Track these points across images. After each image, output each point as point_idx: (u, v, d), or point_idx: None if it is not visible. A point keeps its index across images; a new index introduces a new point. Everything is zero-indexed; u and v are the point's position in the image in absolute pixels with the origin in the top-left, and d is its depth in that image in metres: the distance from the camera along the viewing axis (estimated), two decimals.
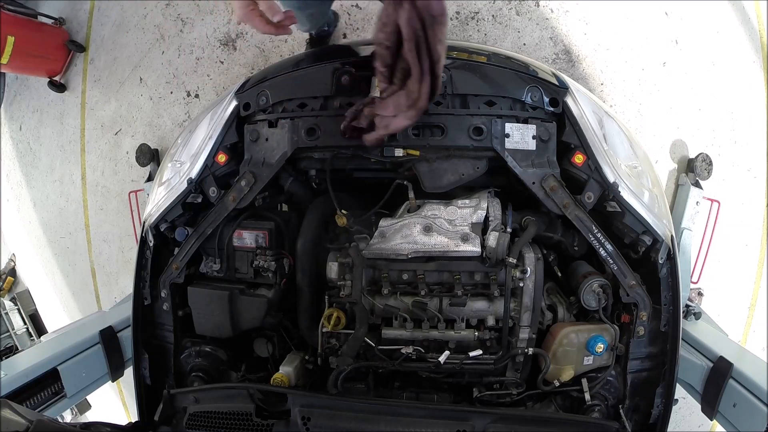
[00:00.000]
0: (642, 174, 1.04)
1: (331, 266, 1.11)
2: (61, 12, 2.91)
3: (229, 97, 1.13)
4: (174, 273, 1.15)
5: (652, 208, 1.00)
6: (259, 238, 1.12)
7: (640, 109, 2.12)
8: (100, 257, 3.03)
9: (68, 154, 3.03)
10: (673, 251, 1.02)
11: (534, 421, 0.96)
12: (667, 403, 1.03)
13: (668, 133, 2.16)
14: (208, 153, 1.11)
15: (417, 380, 1.13)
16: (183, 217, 1.18)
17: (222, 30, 2.46)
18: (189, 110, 2.60)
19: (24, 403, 1.21)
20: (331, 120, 1.02)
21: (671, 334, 1.02)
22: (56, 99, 3.02)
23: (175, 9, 2.57)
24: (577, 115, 0.99)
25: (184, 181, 1.13)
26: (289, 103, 1.05)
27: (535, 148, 0.99)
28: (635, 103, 2.12)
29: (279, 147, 1.06)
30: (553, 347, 1.02)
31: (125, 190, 2.69)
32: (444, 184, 1.05)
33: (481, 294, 1.04)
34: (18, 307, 3.36)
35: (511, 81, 1.01)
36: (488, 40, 2.15)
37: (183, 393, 1.09)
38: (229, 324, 1.11)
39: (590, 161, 0.99)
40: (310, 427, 0.95)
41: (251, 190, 1.09)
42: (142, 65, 2.69)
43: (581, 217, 0.99)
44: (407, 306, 1.04)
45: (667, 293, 1.02)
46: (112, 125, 2.85)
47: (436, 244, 1.03)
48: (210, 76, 2.53)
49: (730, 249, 2.18)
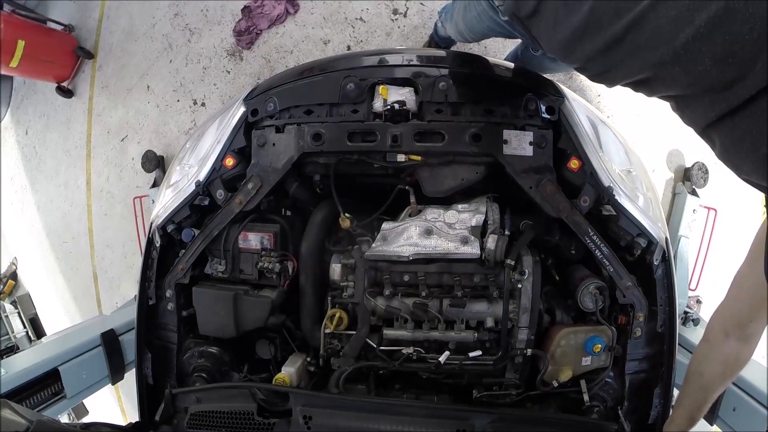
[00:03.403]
0: (636, 179, 1.07)
1: (334, 268, 1.13)
2: (71, 19, 2.99)
3: (238, 104, 1.17)
4: (180, 273, 1.18)
5: (646, 212, 1.03)
6: (265, 240, 1.15)
7: (636, 120, 2.17)
8: (102, 262, 3.05)
9: (74, 159, 3.08)
10: (667, 253, 1.04)
11: (534, 422, 0.97)
12: (666, 404, 1.04)
13: (665, 142, 2.21)
14: (217, 156, 1.15)
15: (417, 382, 1.14)
16: (190, 218, 1.20)
17: (229, 40, 2.53)
18: (195, 118, 2.66)
19: (23, 403, 1.21)
20: (336, 126, 1.06)
21: (668, 335, 1.04)
22: (63, 104, 3.07)
23: (183, 19, 2.64)
24: (572, 123, 1.03)
25: (192, 184, 1.16)
26: (296, 109, 1.09)
27: (533, 154, 1.02)
28: (632, 113, 2.17)
29: (285, 152, 1.10)
30: (551, 348, 1.04)
31: (130, 196, 2.72)
32: (444, 188, 1.09)
33: (481, 296, 1.06)
34: (18, 310, 3.37)
35: (509, 90, 1.05)
36: (488, 53, 2.21)
37: (185, 393, 1.10)
38: (233, 324, 1.13)
39: (586, 166, 1.02)
40: (311, 426, 0.96)
41: (258, 193, 1.12)
42: (150, 73, 2.75)
43: (578, 221, 1.02)
44: (408, 307, 1.06)
45: (662, 294, 1.04)
46: (118, 131, 2.90)
47: (436, 247, 1.06)
48: (216, 85, 2.59)
49: (727, 256, 2.20)
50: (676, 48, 0.54)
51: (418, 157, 1.04)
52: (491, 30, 1.12)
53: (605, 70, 0.68)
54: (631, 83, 0.67)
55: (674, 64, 0.56)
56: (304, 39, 2.40)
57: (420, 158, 1.04)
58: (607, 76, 0.69)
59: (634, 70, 0.62)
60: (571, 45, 0.69)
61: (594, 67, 0.70)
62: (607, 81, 0.71)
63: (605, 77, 0.71)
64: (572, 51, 0.70)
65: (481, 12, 1.07)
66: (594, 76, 0.73)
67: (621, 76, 0.67)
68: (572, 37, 0.67)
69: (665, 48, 0.56)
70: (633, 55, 0.60)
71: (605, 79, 0.71)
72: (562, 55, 0.75)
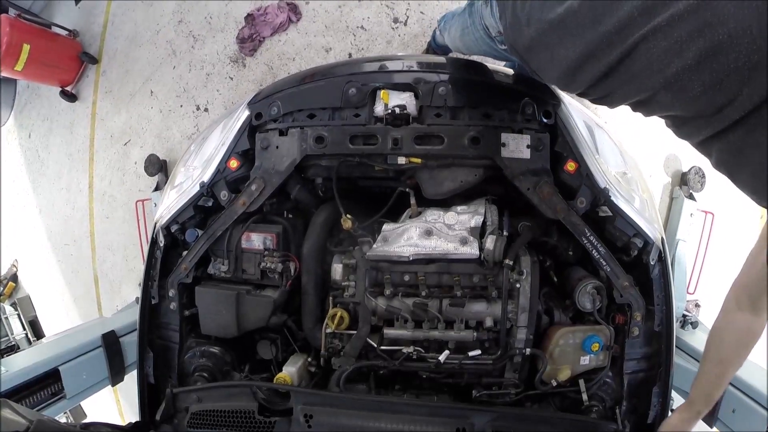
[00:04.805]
0: (632, 180, 1.10)
1: (335, 268, 1.15)
2: (76, 24, 3.03)
3: (242, 107, 1.19)
4: (183, 273, 1.19)
5: (642, 212, 1.05)
6: (267, 241, 1.17)
7: (634, 124, 2.20)
8: (103, 265, 3.05)
9: (76, 162, 3.10)
10: (663, 253, 1.06)
11: (533, 421, 0.98)
12: (664, 403, 1.05)
13: (662, 147, 2.24)
14: (221, 158, 1.17)
15: (417, 381, 1.15)
16: (194, 219, 1.22)
17: (232, 47, 2.57)
18: (198, 123, 2.68)
19: (23, 402, 1.22)
20: (339, 129, 1.08)
21: (665, 334, 1.05)
22: (67, 108, 3.10)
23: (187, 26, 2.68)
24: (569, 126, 1.05)
25: (196, 185, 1.18)
26: (299, 113, 1.12)
27: (530, 157, 1.04)
28: (629, 118, 2.19)
29: (288, 154, 1.12)
30: (549, 348, 1.05)
31: (132, 200, 2.73)
32: (444, 190, 1.11)
33: (480, 296, 1.08)
34: (18, 312, 3.36)
35: (507, 95, 1.08)
36: (486, 59, 2.25)
37: (186, 392, 1.10)
38: (235, 324, 1.14)
39: (582, 169, 1.04)
40: (312, 425, 0.96)
41: (261, 194, 1.14)
42: (154, 79, 2.79)
43: (575, 221, 1.04)
44: (408, 307, 1.07)
45: (659, 293, 1.05)
46: (121, 136, 2.92)
47: (436, 247, 1.07)
48: (219, 91, 2.62)
49: (725, 260, 2.22)
50: (667, 77, 0.59)
51: (418, 159, 1.07)
52: (488, 53, 1.17)
53: (604, 95, 0.73)
54: (630, 104, 0.72)
55: (666, 92, 0.61)
56: (306, 47, 2.44)
57: (420, 161, 1.07)
58: (607, 100, 0.74)
59: (631, 94, 0.67)
60: (570, 76, 0.73)
61: (594, 92, 0.74)
62: (608, 104, 0.76)
63: (605, 101, 0.75)
64: (572, 81, 0.74)
65: (479, 38, 1.11)
66: (595, 99, 0.78)
67: (619, 99, 0.71)
68: (569, 69, 0.71)
69: (657, 77, 0.60)
70: (628, 82, 0.65)
71: (605, 102, 0.76)
72: (562, 85, 0.79)
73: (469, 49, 1.26)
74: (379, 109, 1.08)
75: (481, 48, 1.15)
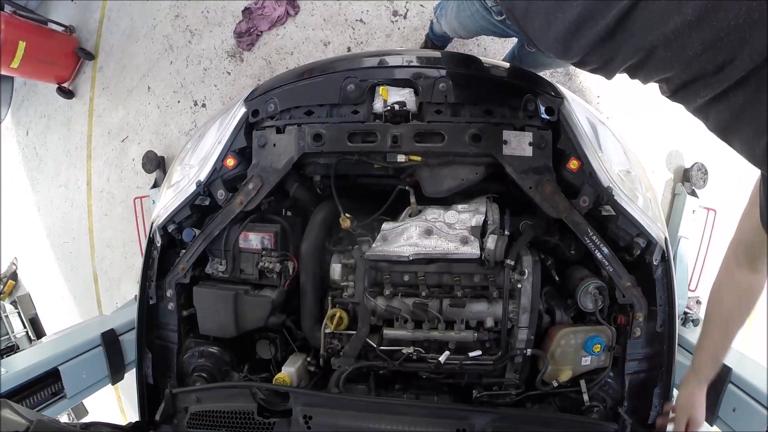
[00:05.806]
0: (635, 179, 1.08)
1: (334, 268, 1.14)
2: (72, 20, 2.99)
3: (239, 104, 1.17)
4: (180, 273, 1.18)
5: (645, 212, 1.04)
6: (265, 240, 1.15)
7: (636, 121, 2.18)
8: (102, 262, 3.05)
9: (74, 159, 3.08)
10: (667, 253, 1.05)
11: (534, 421, 0.97)
12: (665, 403, 1.04)
13: (664, 143, 2.21)
14: (217, 157, 1.15)
15: (417, 382, 1.15)
16: (191, 218, 1.21)
17: (230, 42, 2.53)
18: (196, 119, 2.66)
19: (23, 402, 1.22)
20: (337, 127, 1.06)
21: (667, 335, 1.04)
22: (64, 105, 3.08)
23: (184, 20, 2.65)
24: (572, 123, 1.03)
25: (192, 184, 1.17)
26: (296, 110, 1.10)
27: (532, 155, 1.03)
28: (631, 114, 2.17)
29: (286, 152, 1.10)
30: (551, 348, 1.04)
31: (130, 197, 2.73)
32: (444, 188, 1.09)
33: (481, 296, 1.07)
34: (18, 310, 3.37)
35: (508, 91, 1.06)
36: (488, 54, 2.22)
37: (185, 392, 1.10)
38: (233, 324, 1.13)
39: (585, 167, 1.02)
40: (311, 426, 0.96)
41: (258, 193, 1.12)
42: (151, 74, 2.76)
43: (577, 221, 1.02)
44: (408, 307, 1.06)
45: (662, 294, 1.04)
46: (119, 132, 2.90)
47: (436, 247, 1.06)
48: (217, 86, 2.60)
49: None
50: (667, 33, 0.57)
51: (418, 157, 1.05)
52: (485, 29, 1.13)
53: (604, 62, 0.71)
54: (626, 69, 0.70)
55: (666, 49, 0.59)
56: (304, 40, 2.41)
57: (420, 159, 1.05)
58: (606, 68, 0.72)
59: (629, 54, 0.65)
60: (567, 41, 0.71)
61: (593, 59, 0.72)
62: (606, 72, 0.73)
63: (604, 69, 0.73)
64: (569, 47, 0.72)
65: (475, 12, 1.08)
66: (593, 69, 0.75)
67: (618, 64, 0.69)
68: (567, 33, 0.70)
69: (656, 33, 0.59)
70: (626, 41, 0.64)
71: (604, 72, 0.74)
72: (560, 52, 0.76)
73: (466, 28, 1.23)
74: (378, 105, 1.06)
75: (477, 23, 1.12)
